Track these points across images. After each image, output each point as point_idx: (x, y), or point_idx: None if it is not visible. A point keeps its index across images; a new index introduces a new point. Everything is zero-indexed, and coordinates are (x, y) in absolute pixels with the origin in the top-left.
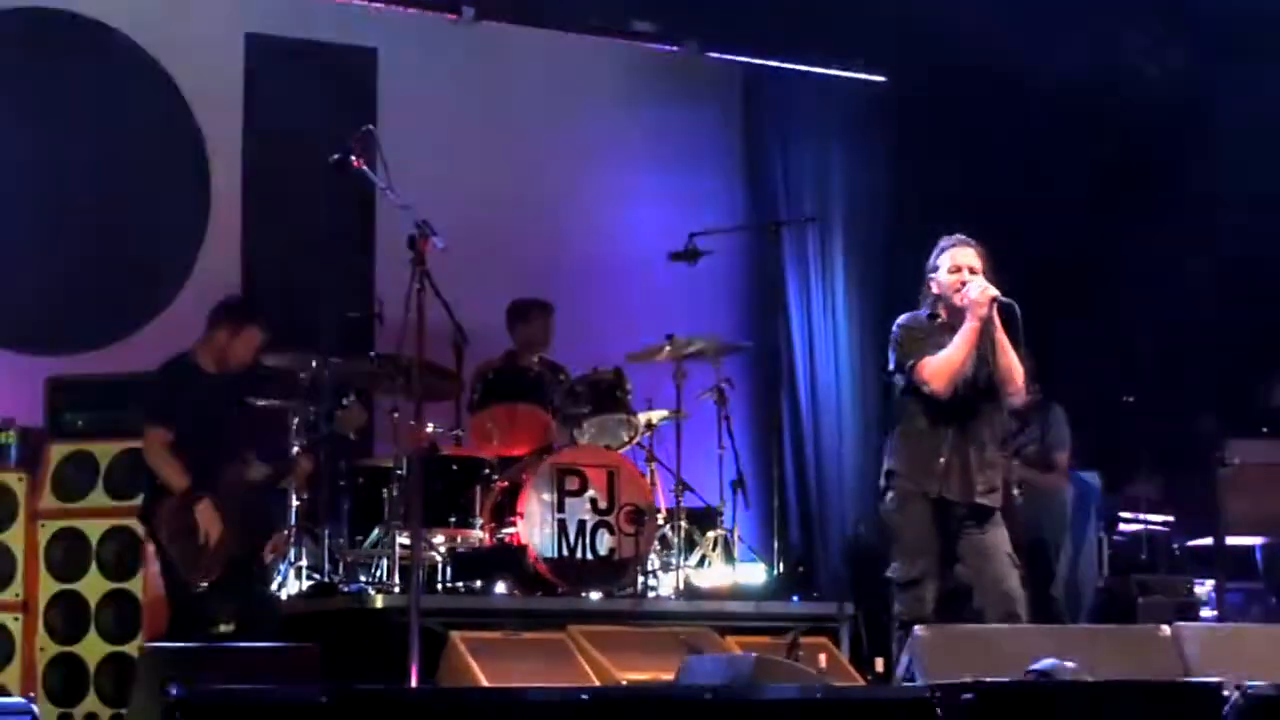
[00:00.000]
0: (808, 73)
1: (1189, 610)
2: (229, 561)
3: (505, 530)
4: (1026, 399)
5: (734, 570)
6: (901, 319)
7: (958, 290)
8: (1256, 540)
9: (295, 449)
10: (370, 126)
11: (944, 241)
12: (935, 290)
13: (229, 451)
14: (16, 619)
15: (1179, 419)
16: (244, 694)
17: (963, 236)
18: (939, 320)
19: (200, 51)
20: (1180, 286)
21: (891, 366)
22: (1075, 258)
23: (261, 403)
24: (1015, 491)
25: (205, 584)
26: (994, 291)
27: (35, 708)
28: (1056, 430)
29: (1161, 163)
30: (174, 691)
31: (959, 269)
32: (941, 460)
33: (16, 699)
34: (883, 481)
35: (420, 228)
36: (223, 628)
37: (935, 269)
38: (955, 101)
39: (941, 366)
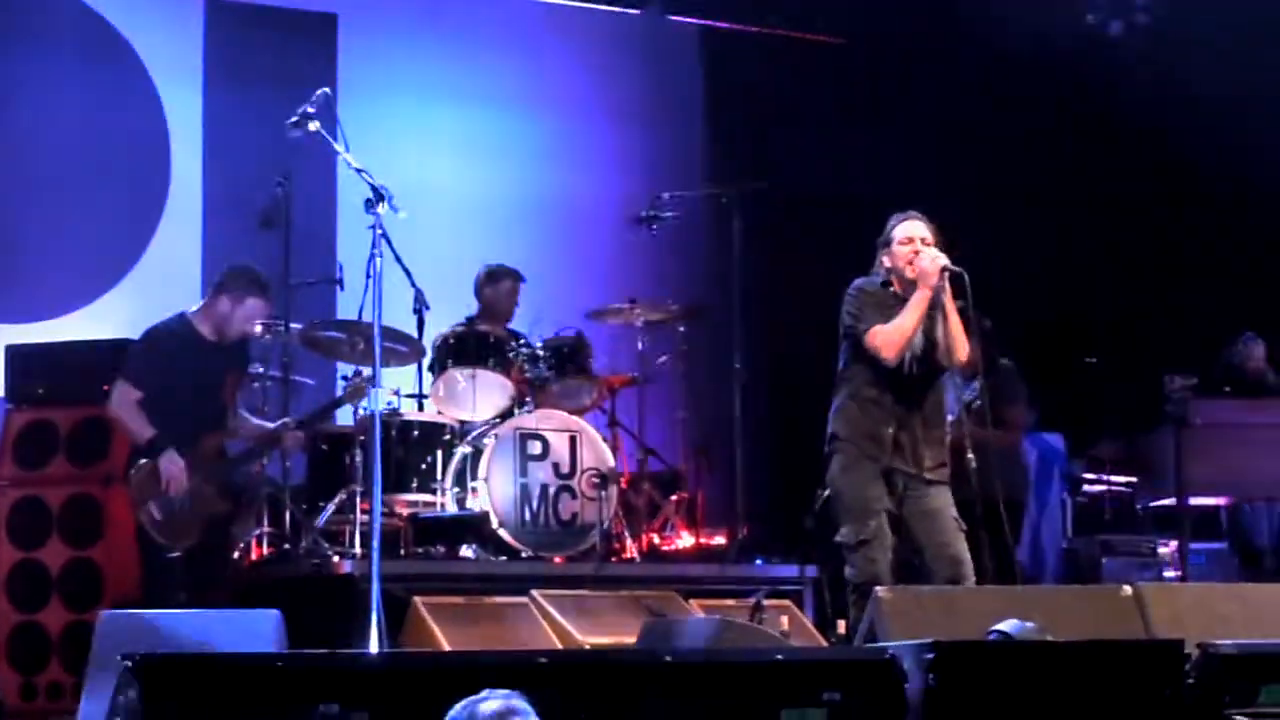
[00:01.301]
0: (768, 35)
1: (1152, 570)
2: (206, 527)
3: (468, 495)
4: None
5: (697, 534)
6: (857, 282)
7: (910, 262)
8: (1219, 500)
9: (283, 421)
10: (326, 90)
11: (896, 216)
12: (887, 263)
13: (215, 417)
14: None
15: (1141, 379)
16: (200, 659)
17: (914, 212)
18: (892, 289)
19: (159, 18)
20: (1145, 244)
21: (843, 329)
22: (1035, 220)
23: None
24: (969, 455)
25: (179, 551)
26: (944, 260)
27: None
28: (1006, 386)
29: (1127, 118)
30: (133, 656)
31: (910, 240)
32: (889, 432)
33: None
34: (827, 446)
35: (377, 191)
36: (179, 595)
37: (888, 242)
38: (913, 64)
39: (892, 335)
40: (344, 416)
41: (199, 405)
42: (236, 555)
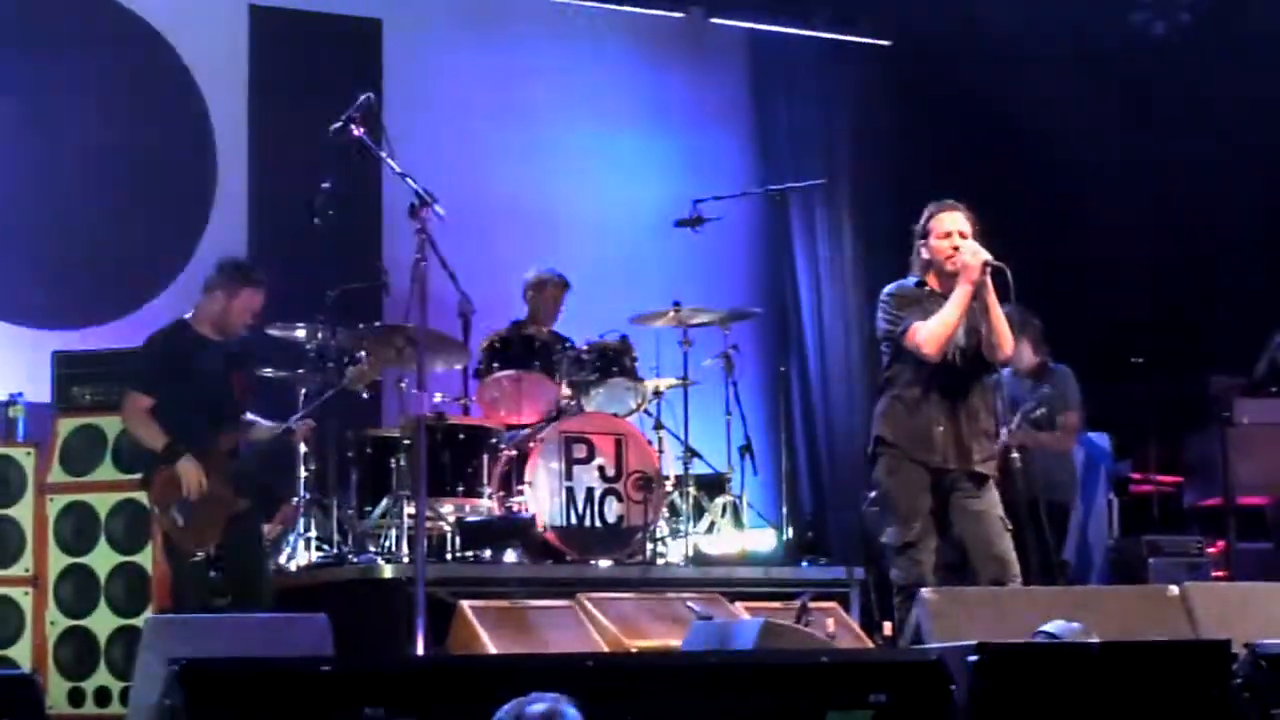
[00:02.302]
0: (812, 37)
1: (1199, 570)
2: (228, 529)
3: (513, 499)
4: (1033, 362)
5: (743, 536)
6: (890, 287)
7: (949, 256)
8: (1266, 500)
9: (293, 419)
10: (370, 95)
11: (932, 206)
12: (925, 256)
13: (227, 417)
14: (26, 593)
15: (1188, 380)
16: (248, 663)
17: (951, 201)
18: (928, 288)
19: (204, 24)
20: (1190, 246)
21: (881, 334)
22: (1080, 219)
23: (268, 373)
24: (1014, 455)
25: (202, 554)
26: (986, 255)
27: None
28: (1064, 392)
29: (1168, 118)
30: (179, 661)
31: (949, 234)
32: (936, 430)
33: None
34: (871, 447)
35: (421, 196)
36: (219, 601)
37: (925, 235)
38: (958, 64)
39: (935, 331)
40: (390, 420)
41: (209, 406)
42: (284, 559)
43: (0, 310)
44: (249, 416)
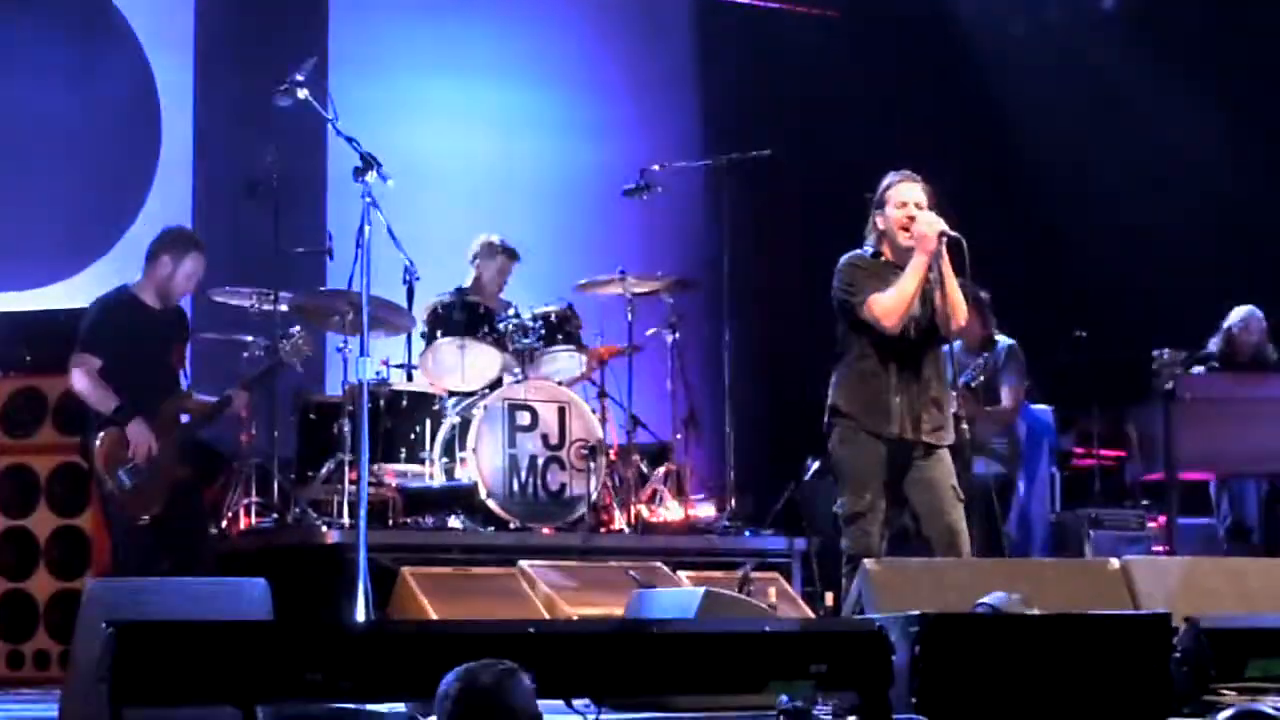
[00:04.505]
0: (762, 6)
1: (1140, 544)
2: (171, 495)
3: (456, 466)
4: (981, 334)
5: (686, 506)
6: (846, 256)
7: (905, 227)
8: (1208, 475)
9: (230, 390)
10: (315, 58)
11: (890, 177)
12: (880, 226)
13: (168, 385)
14: None
15: (1132, 354)
16: (185, 626)
17: (909, 172)
18: (883, 258)
19: None
20: (1136, 220)
21: (836, 304)
22: (1027, 190)
23: (210, 336)
24: (964, 426)
25: (146, 518)
26: (943, 225)
27: None
28: (1007, 364)
29: (1118, 89)
30: (116, 624)
31: (905, 204)
32: (893, 400)
33: None
34: (826, 417)
35: (365, 160)
36: (160, 566)
37: (881, 205)
38: (908, 35)
39: (893, 303)
40: (333, 386)
41: (152, 373)
42: (225, 524)
43: None
44: (184, 387)
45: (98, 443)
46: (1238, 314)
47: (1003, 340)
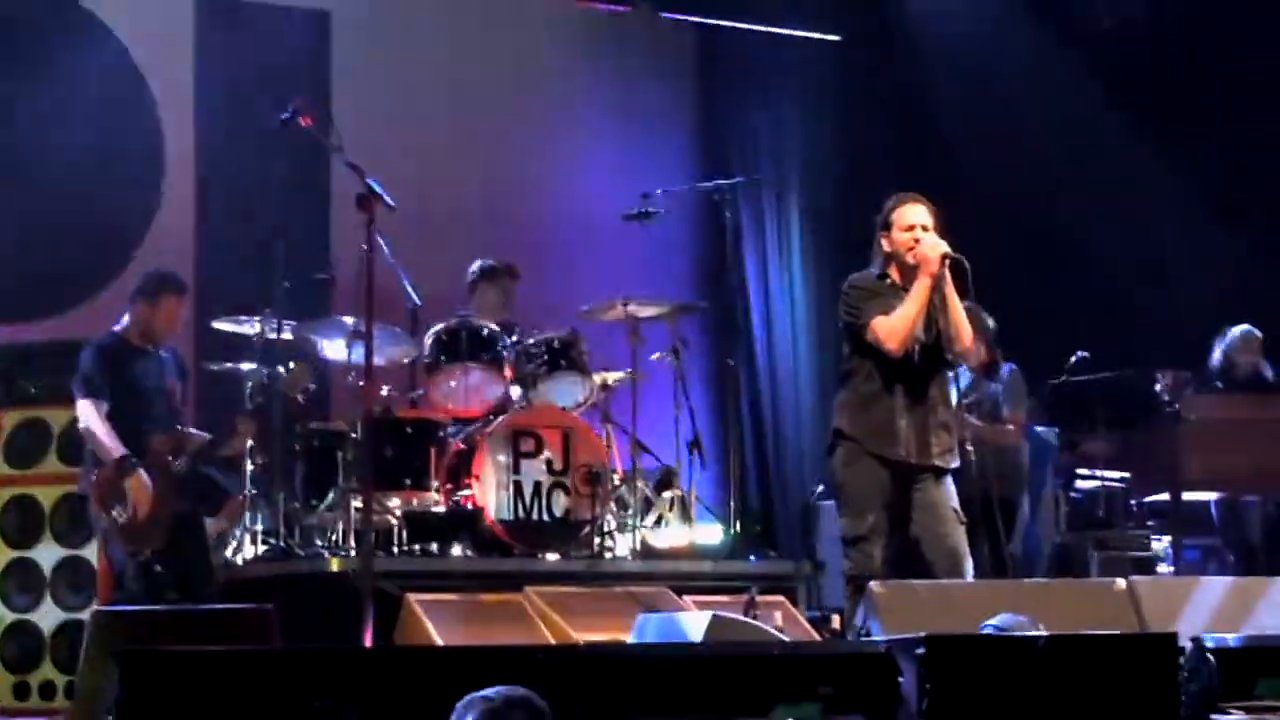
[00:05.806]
0: (762, 32)
1: (1145, 566)
2: (172, 528)
3: (461, 492)
4: (985, 359)
5: (691, 530)
6: (852, 278)
7: (910, 249)
8: (1212, 496)
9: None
10: (319, 88)
11: (895, 199)
12: (886, 248)
13: (160, 423)
14: None
15: (1136, 375)
16: (192, 655)
17: (914, 194)
18: (889, 280)
19: (150, 16)
20: (1138, 242)
21: (842, 325)
22: (1028, 215)
23: (214, 367)
24: (968, 449)
25: (148, 553)
26: (945, 248)
27: None
28: (1010, 387)
29: (1116, 112)
30: (123, 653)
31: (911, 227)
32: (898, 423)
33: None
34: (830, 439)
35: (369, 188)
36: (166, 596)
37: (886, 227)
38: (907, 60)
39: (896, 326)
40: (336, 414)
41: (147, 411)
42: (230, 553)
43: None
44: (182, 428)
45: (92, 479)
46: (1234, 333)
47: (1006, 366)
